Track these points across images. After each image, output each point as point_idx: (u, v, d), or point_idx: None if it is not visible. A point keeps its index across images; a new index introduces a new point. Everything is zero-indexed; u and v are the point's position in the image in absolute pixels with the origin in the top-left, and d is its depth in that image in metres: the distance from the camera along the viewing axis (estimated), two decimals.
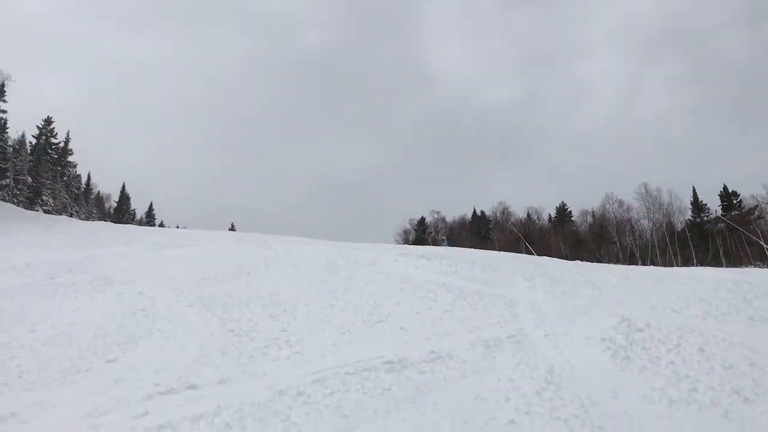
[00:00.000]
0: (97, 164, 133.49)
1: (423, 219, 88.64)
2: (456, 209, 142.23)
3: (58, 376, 8.25)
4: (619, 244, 68.14)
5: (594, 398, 6.98)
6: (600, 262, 41.86)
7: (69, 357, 9.14)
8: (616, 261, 56.90)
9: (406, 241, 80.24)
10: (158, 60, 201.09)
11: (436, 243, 62.90)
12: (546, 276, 16.81)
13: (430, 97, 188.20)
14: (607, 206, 73.10)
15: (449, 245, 35.17)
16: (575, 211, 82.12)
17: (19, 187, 46.44)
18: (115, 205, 78.10)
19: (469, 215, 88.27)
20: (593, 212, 76.76)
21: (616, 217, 71.28)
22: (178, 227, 63.08)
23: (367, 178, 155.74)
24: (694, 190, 69.81)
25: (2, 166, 43.71)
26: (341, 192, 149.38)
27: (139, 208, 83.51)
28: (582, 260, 30.90)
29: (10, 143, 48.94)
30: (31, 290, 14.34)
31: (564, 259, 32.89)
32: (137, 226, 54.15)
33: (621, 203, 71.59)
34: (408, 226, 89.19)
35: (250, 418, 6.57)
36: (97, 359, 9.12)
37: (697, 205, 69.53)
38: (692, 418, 6.36)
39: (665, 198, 68.57)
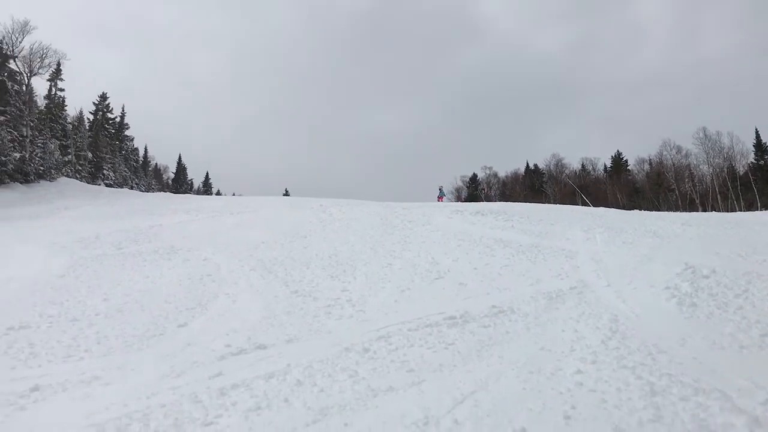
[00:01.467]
0: (152, 137, 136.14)
1: (475, 176, 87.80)
2: (508, 164, 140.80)
3: (134, 341, 8.62)
4: (678, 191, 66.12)
5: (661, 346, 6.91)
6: (659, 210, 40.84)
7: (143, 323, 9.53)
8: (675, 209, 55.36)
9: (458, 199, 79.66)
10: (207, 30, 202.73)
11: (489, 200, 62.33)
12: (604, 227, 16.55)
13: (478, 50, 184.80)
14: (664, 153, 70.82)
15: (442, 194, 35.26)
16: (631, 159, 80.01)
17: (81, 162, 47.94)
18: (172, 176, 79.95)
19: (522, 169, 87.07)
20: (650, 160, 74.60)
21: (674, 164, 69.07)
22: (234, 195, 64.14)
23: (415, 138, 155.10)
24: (757, 132, 66.73)
25: (64, 143, 45.12)
26: (390, 153, 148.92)
27: (196, 178, 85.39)
28: (640, 209, 30.23)
29: (69, 121, 50.46)
30: (101, 261, 14.91)
31: (621, 209, 32.21)
32: (196, 195, 55.43)
33: (679, 149, 69.24)
34: (460, 184, 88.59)
35: (320, 374, 6.76)
36: (169, 324, 9.48)
37: (761, 147, 66.47)
38: (765, 362, 6.23)
39: (725, 141, 65.98)
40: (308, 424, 5.35)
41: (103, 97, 59.45)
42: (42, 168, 37.95)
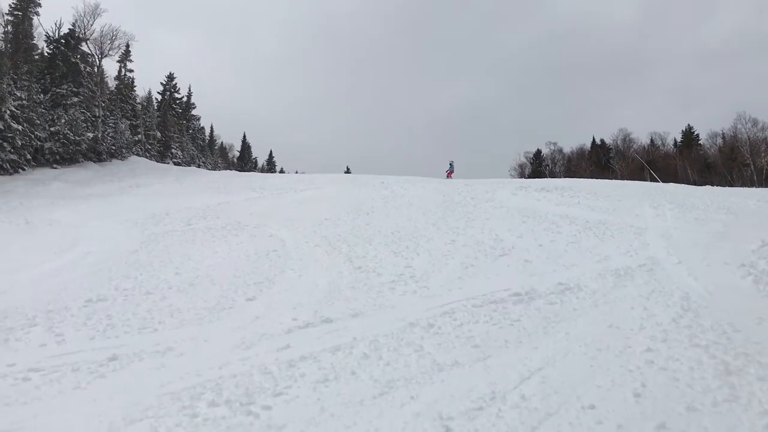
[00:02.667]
0: (218, 116, 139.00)
1: (539, 151, 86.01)
2: (574, 140, 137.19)
3: (205, 314, 8.90)
4: (754, 166, 63.22)
5: (736, 325, 6.68)
6: (732, 186, 39.25)
7: (213, 296, 9.83)
8: (750, 184, 53.01)
9: (521, 175, 78.30)
10: (269, 9, 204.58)
11: (553, 176, 61.07)
12: (675, 203, 16.05)
13: (544, 22, 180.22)
14: (738, 126, 67.63)
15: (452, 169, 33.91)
16: (703, 134, 76.75)
17: (150, 141, 49.35)
18: (237, 154, 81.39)
19: (588, 145, 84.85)
20: (723, 134, 71.47)
21: (749, 138, 65.98)
22: (297, 172, 65.05)
23: (478, 113, 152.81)
24: None
25: (134, 123, 46.52)
26: (452, 129, 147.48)
27: (260, 156, 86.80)
28: (712, 185, 29.15)
29: (138, 101, 51.97)
30: (171, 236, 15.39)
31: (692, 185, 31.12)
32: (260, 173, 56.40)
33: (755, 122, 65.91)
34: (523, 160, 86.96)
35: (385, 348, 6.84)
36: (238, 297, 9.75)
37: None
38: None
39: None
40: (375, 396, 5.43)
41: (170, 77, 60.86)
42: (113, 147, 39.27)
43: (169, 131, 53.24)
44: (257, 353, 6.90)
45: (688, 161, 68.62)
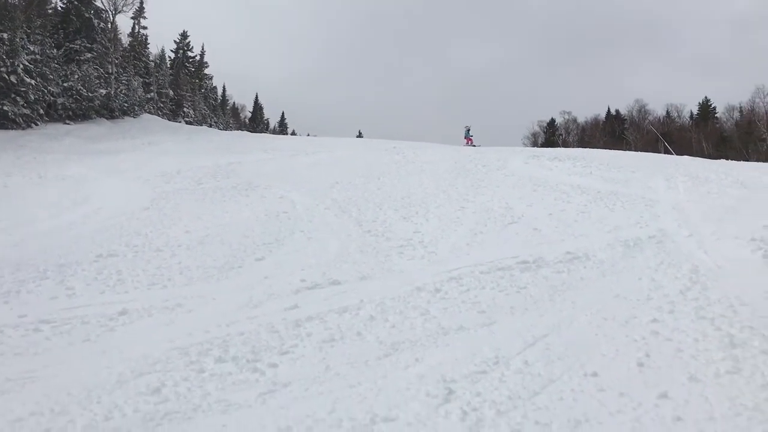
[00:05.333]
0: (230, 76, 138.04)
1: (553, 120, 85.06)
2: (588, 109, 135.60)
3: (214, 272, 9.00)
4: None
5: (744, 298, 6.66)
6: (747, 161, 38.82)
7: (222, 255, 9.91)
8: (766, 159, 52.43)
9: (534, 144, 77.64)
10: None
11: (566, 145, 60.50)
12: (688, 176, 15.90)
13: None
14: (756, 100, 66.47)
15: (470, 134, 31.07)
16: (720, 106, 75.58)
17: (163, 100, 49.19)
18: (249, 115, 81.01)
19: (603, 115, 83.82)
20: (741, 107, 70.40)
21: (767, 112, 65.03)
22: (309, 135, 64.84)
23: (493, 77, 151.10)
24: None
25: (147, 80, 46.34)
26: (466, 93, 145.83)
27: (272, 118, 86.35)
28: (727, 159, 28.82)
29: (151, 59, 51.70)
30: (182, 195, 15.48)
31: (707, 158, 30.80)
32: (272, 135, 56.31)
33: None
34: (537, 129, 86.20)
35: (392, 311, 6.89)
36: (247, 257, 9.83)
37: None
38: None
39: None
40: (380, 357, 5.49)
41: (184, 35, 60.39)
42: (126, 104, 39.18)
43: (182, 90, 53.07)
44: (265, 312, 6.99)
45: (704, 134, 67.85)
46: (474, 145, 29.05)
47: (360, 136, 66.28)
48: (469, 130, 31.87)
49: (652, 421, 4.12)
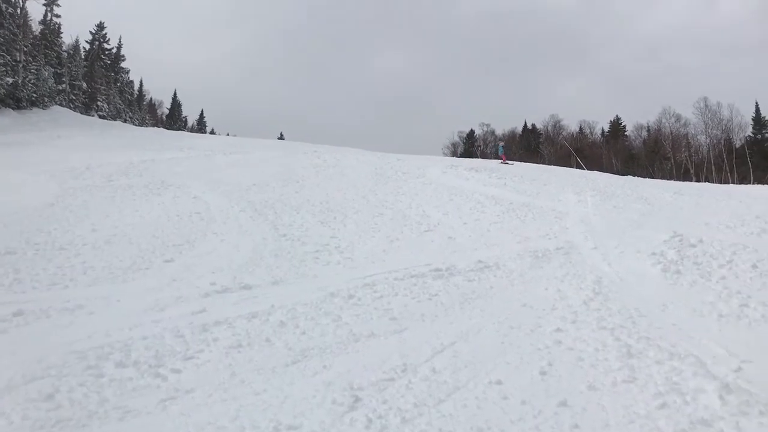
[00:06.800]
0: (148, 71, 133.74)
1: (472, 132, 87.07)
2: (506, 122, 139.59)
3: (119, 273, 8.66)
4: (674, 160, 65.83)
5: (642, 310, 6.98)
6: (653, 178, 40.86)
7: (129, 255, 9.56)
8: (670, 177, 55.15)
9: (454, 154, 79.21)
10: None
11: (484, 157, 61.83)
12: (597, 190, 16.60)
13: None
14: (663, 121, 70.16)
15: (504, 151, 30.32)
16: (630, 125, 79.38)
17: (75, 92, 47.09)
18: (167, 111, 78.74)
19: (520, 128, 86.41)
20: (648, 127, 74.11)
21: (672, 132, 68.67)
22: (228, 135, 63.65)
23: (414, 89, 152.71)
24: (756, 105, 65.83)
25: (58, 71, 44.22)
26: (388, 103, 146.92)
27: (191, 116, 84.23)
28: (634, 176, 30.26)
29: (64, 49, 49.46)
30: (91, 192, 14.87)
31: (616, 174, 32.24)
32: (189, 133, 54.91)
33: (678, 117, 68.52)
34: (456, 139, 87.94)
35: (303, 317, 6.82)
36: (156, 258, 9.52)
37: (759, 121, 65.77)
38: (742, 332, 6.31)
39: (725, 113, 65.39)
40: (288, 365, 5.42)
41: (100, 26, 58.15)
42: (35, 95, 37.41)
43: (96, 83, 51.06)
44: (171, 316, 6.76)
45: (614, 151, 71.03)
46: (509, 163, 27.42)
47: (281, 138, 65.73)
48: (503, 147, 31.38)
49: (552, 429, 4.23)
